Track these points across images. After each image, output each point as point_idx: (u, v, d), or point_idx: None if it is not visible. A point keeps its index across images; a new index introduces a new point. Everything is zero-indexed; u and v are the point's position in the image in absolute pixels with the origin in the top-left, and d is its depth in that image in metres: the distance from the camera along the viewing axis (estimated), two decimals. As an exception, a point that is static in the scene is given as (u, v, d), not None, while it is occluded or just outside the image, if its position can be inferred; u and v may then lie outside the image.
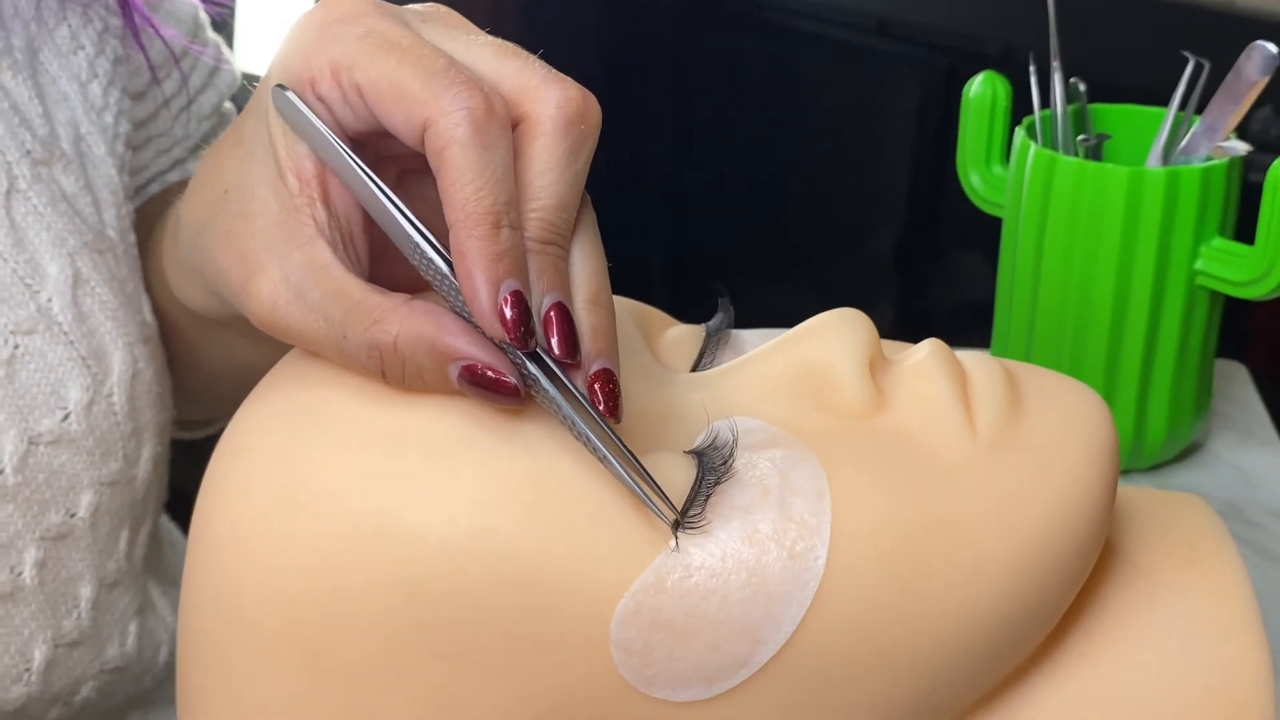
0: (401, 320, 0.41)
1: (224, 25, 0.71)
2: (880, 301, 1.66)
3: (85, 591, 0.59)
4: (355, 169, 0.43)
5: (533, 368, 0.41)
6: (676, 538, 0.41)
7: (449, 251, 0.41)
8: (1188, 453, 0.76)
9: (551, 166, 0.42)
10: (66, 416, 0.56)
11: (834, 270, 1.75)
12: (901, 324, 1.60)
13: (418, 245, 0.42)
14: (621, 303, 0.49)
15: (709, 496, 0.42)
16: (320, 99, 0.43)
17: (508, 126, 0.42)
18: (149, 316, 0.61)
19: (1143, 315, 0.69)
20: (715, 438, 0.43)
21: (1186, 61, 0.70)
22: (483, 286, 0.40)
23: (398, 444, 0.41)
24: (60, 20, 0.61)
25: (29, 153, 0.57)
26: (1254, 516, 0.72)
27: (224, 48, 0.72)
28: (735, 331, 0.50)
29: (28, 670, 0.57)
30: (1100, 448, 0.45)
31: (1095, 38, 1.25)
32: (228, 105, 0.73)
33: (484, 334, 0.41)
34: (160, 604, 0.65)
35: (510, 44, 0.44)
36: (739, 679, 0.41)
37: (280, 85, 0.44)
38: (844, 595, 0.41)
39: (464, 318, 0.42)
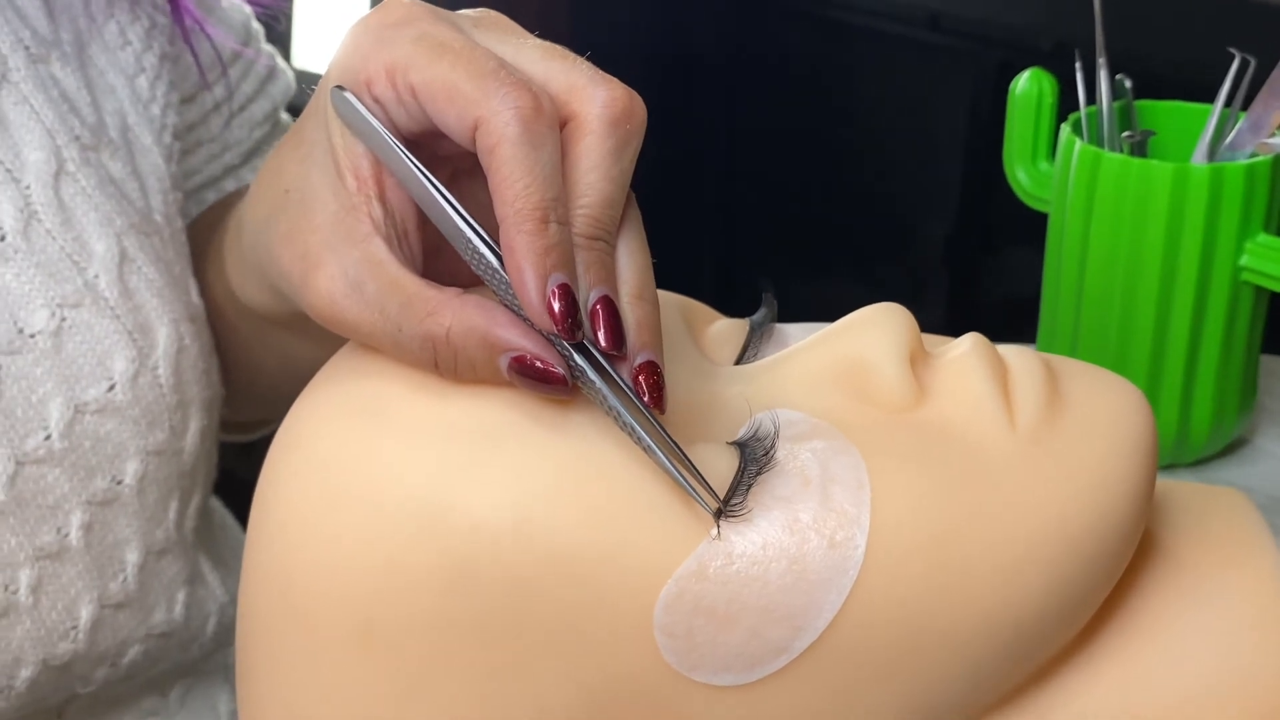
0: (454, 313, 0.42)
1: (279, 27, 0.72)
2: (930, 296, 1.66)
3: (132, 556, 0.61)
4: (410, 166, 0.44)
5: (580, 359, 0.42)
6: (719, 526, 0.42)
7: (499, 247, 0.43)
8: (1232, 447, 0.76)
9: (597, 164, 0.43)
10: (112, 387, 0.58)
11: (884, 265, 1.75)
12: (951, 319, 1.60)
13: (469, 240, 0.44)
14: (667, 297, 0.50)
15: (750, 486, 0.42)
16: (376, 100, 0.45)
17: (555, 125, 0.43)
18: (195, 298, 0.63)
19: (1187, 311, 0.69)
20: (757, 429, 0.44)
21: (1233, 56, 0.70)
22: (531, 280, 0.41)
23: (449, 435, 0.43)
24: (108, 17, 0.63)
25: (77, 138, 0.59)
26: (1298, 512, 0.72)
27: (278, 57, 0.74)
28: (779, 325, 0.50)
29: (74, 628, 0.59)
30: (1139, 442, 0.45)
31: (1143, 32, 1.24)
32: (284, 115, 0.75)
33: (533, 326, 0.42)
34: (210, 577, 0.67)
35: (558, 46, 0.45)
36: (779, 664, 0.42)
37: (338, 87, 0.45)
38: (883, 584, 0.42)
39: (514, 311, 0.43)
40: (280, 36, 0.74)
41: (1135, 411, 0.46)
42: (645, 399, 0.42)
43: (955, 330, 0.50)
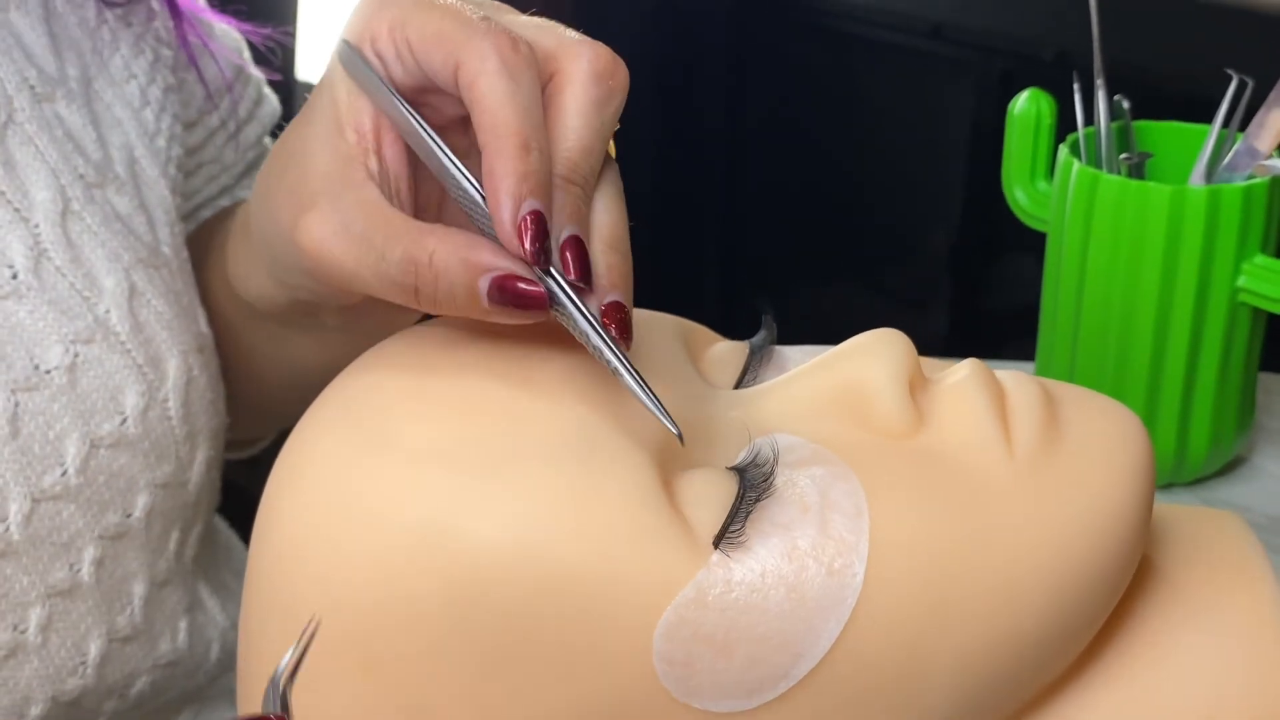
0: (439, 240, 0.44)
1: (276, 61, 0.74)
2: (935, 304, 1.67)
3: (138, 589, 0.61)
4: (402, 110, 0.47)
5: (553, 285, 0.43)
6: (716, 551, 0.42)
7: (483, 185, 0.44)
8: (1231, 466, 0.77)
9: (579, 112, 0.45)
10: (124, 421, 0.59)
11: (888, 273, 1.75)
12: (955, 326, 1.60)
13: (454, 177, 0.45)
14: (668, 319, 0.50)
15: (749, 513, 0.43)
16: (379, 55, 0.47)
17: (534, 66, 0.45)
18: (204, 328, 0.64)
19: (1185, 331, 0.70)
20: (756, 455, 0.44)
21: (1230, 77, 0.71)
22: (506, 201, 0.43)
23: (451, 459, 0.43)
24: (114, 51, 0.64)
25: (82, 176, 0.60)
26: (1296, 531, 0.72)
27: (264, 85, 0.75)
28: (778, 348, 0.51)
29: (83, 664, 0.59)
30: (1136, 468, 0.46)
31: (1144, 46, 1.24)
32: (267, 140, 0.76)
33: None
34: (210, 603, 0.68)
35: (551, 21, 0.48)
36: (779, 691, 0.42)
37: (344, 41, 0.48)
38: (881, 611, 0.42)
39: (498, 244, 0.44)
40: (285, 51, 0.75)
41: (1132, 438, 0.46)
42: (613, 331, 0.43)
43: (961, 338, 0.50)
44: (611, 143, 0.47)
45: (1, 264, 0.57)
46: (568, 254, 0.43)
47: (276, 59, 0.73)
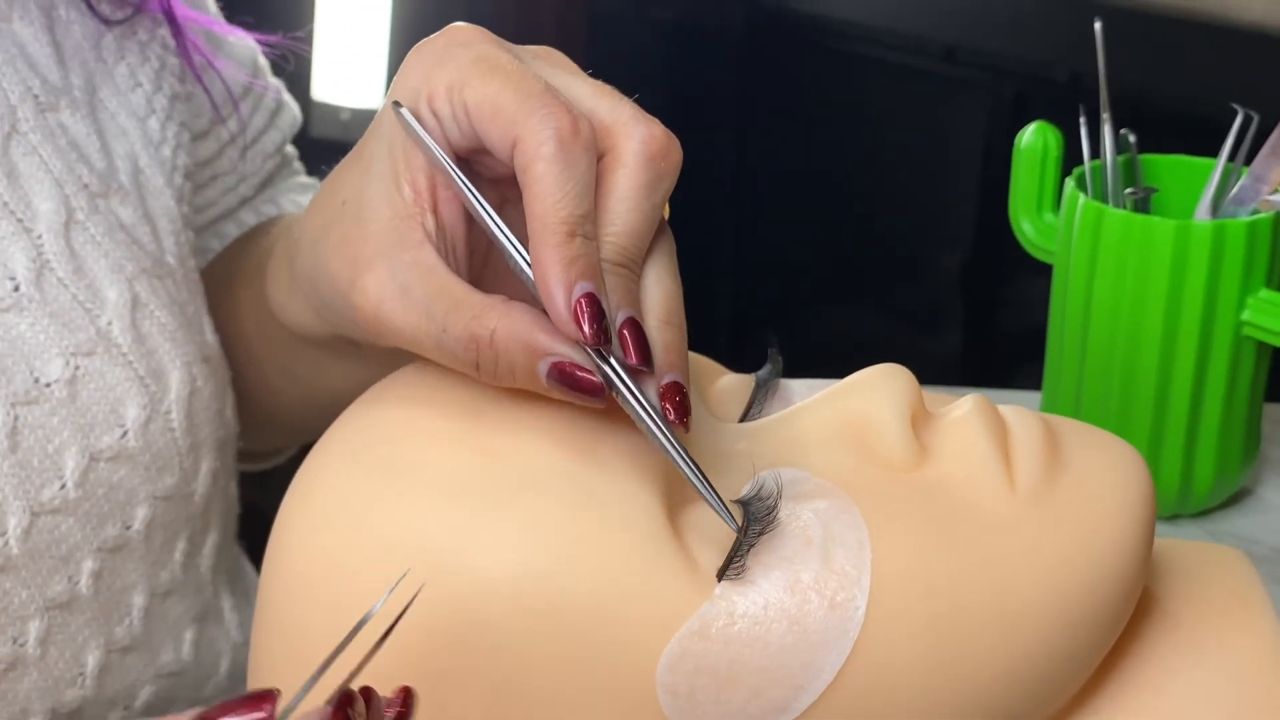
0: (500, 317, 0.44)
1: (289, 67, 0.74)
2: (947, 327, 1.67)
3: (138, 600, 0.61)
4: (456, 178, 0.46)
5: (611, 373, 0.43)
6: (720, 584, 0.42)
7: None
8: (1236, 498, 0.77)
9: (628, 196, 0.45)
10: (125, 434, 0.59)
11: (900, 296, 1.75)
12: (968, 350, 1.60)
13: (511, 253, 0.45)
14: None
15: (753, 546, 0.43)
16: (435, 114, 0.47)
17: (592, 149, 0.45)
18: (210, 337, 0.64)
19: (1189, 364, 0.70)
20: (760, 488, 0.44)
21: (1236, 112, 0.71)
22: (557, 287, 0.43)
23: (459, 491, 0.43)
24: (119, 59, 0.64)
25: (86, 186, 0.60)
26: (1301, 563, 0.72)
27: (284, 91, 0.75)
28: (784, 381, 0.51)
29: (81, 675, 0.60)
30: (1136, 503, 0.46)
31: (1153, 73, 1.25)
32: (289, 148, 0.76)
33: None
34: (229, 616, 0.68)
35: (609, 86, 0.47)
36: (781, 724, 0.42)
37: (396, 102, 0.48)
38: (883, 645, 0.42)
39: None
40: (300, 69, 0.75)
41: (1133, 473, 0.47)
42: (671, 417, 0.43)
43: (972, 362, 0.50)
44: (666, 206, 0.47)
45: (3, 276, 0.57)
46: (626, 336, 0.43)
47: (287, 68, 0.73)
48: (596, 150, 0.45)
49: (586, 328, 0.42)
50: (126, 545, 0.60)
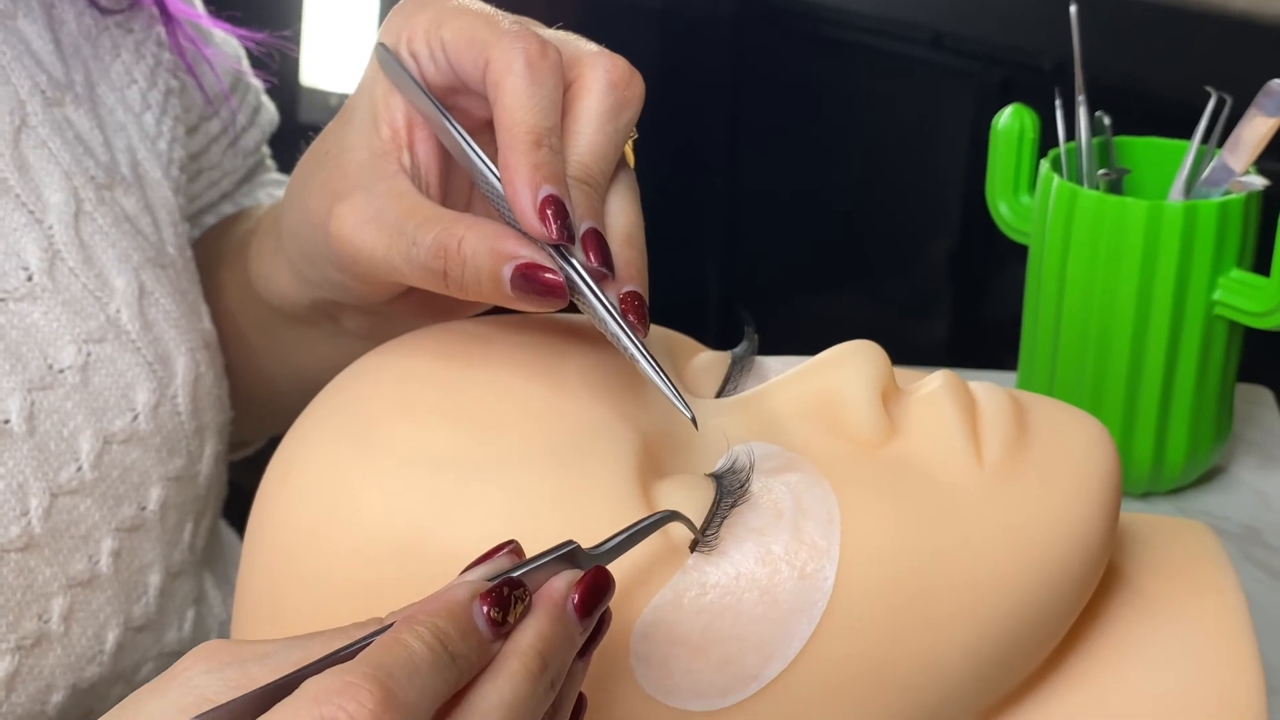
0: (468, 227, 0.46)
1: (274, 64, 0.75)
2: (934, 313, 1.67)
3: (154, 580, 0.63)
4: (434, 108, 0.49)
5: (573, 274, 0.45)
6: (692, 555, 0.43)
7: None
8: (1208, 476, 0.78)
9: (594, 119, 0.47)
10: (136, 417, 0.61)
11: (888, 282, 1.75)
12: (955, 336, 1.61)
13: (481, 171, 0.47)
14: (653, 331, 0.51)
15: (725, 518, 0.44)
16: (413, 55, 0.49)
17: (559, 72, 0.47)
18: (208, 324, 0.66)
19: (1162, 344, 0.71)
20: (734, 462, 0.45)
21: (1209, 94, 0.72)
22: (524, 189, 0.44)
23: (437, 465, 0.44)
24: (115, 56, 0.66)
25: (93, 178, 0.62)
26: (1273, 540, 0.73)
27: (263, 93, 0.77)
28: (759, 358, 0.52)
29: (101, 651, 0.61)
30: (1102, 477, 0.47)
31: (1130, 58, 1.25)
32: (265, 148, 0.78)
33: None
34: (212, 595, 0.69)
35: (574, 34, 0.50)
36: (751, 691, 0.43)
37: (380, 44, 0.50)
38: (851, 614, 0.43)
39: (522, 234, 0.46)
40: (286, 59, 0.76)
41: (1099, 447, 0.48)
42: (630, 318, 0.45)
43: (959, 347, 0.51)
44: (630, 151, 0.49)
45: (17, 266, 0.58)
46: (588, 243, 0.45)
47: (274, 62, 0.74)
48: (563, 77, 0.47)
49: (552, 224, 0.44)
50: (143, 525, 0.62)
